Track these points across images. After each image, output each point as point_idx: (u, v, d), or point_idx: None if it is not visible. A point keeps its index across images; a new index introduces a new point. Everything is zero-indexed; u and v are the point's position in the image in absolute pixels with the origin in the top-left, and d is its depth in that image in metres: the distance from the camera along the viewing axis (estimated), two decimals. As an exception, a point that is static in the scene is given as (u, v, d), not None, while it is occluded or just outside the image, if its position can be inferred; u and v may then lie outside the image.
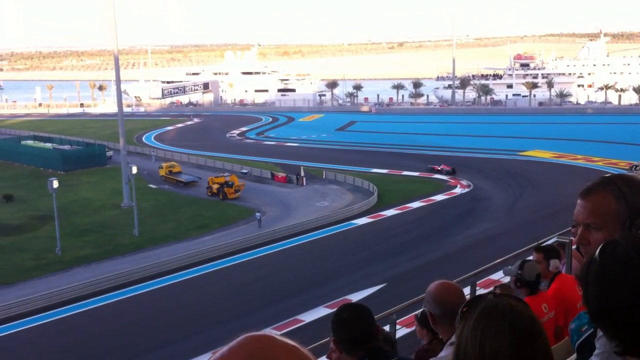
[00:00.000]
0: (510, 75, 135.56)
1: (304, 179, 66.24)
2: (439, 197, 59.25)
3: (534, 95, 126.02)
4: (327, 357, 3.96)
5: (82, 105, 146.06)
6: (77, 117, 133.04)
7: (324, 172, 69.47)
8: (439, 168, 69.48)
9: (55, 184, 48.66)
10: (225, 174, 65.64)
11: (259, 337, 1.51)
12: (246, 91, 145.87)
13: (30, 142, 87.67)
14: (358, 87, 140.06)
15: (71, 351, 31.95)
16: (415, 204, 56.94)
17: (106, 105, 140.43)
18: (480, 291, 13.40)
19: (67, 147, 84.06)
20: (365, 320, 3.86)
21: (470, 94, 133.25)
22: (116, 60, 68.38)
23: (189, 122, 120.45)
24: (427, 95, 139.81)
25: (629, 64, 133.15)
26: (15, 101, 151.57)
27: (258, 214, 54.15)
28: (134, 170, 54.95)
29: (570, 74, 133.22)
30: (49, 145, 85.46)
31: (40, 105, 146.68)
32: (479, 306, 2.02)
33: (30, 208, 59.53)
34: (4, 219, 56.04)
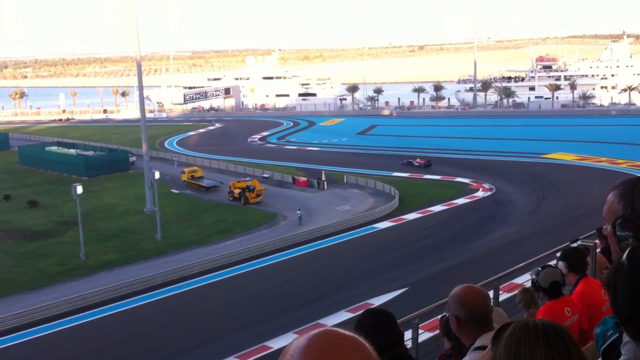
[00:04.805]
0: (532, 77, 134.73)
1: (325, 183, 66.22)
2: (461, 201, 58.92)
3: (557, 97, 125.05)
4: None
5: (105, 111, 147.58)
6: (101, 123, 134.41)
7: (345, 176, 69.42)
8: (415, 164, 74.55)
9: (79, 189, 49.04)
10: (247, 179, 65.83)
11: (330, 333, 1.58)
12: (267, 96, 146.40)
13: (54, 149, 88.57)
14: (379, 91, 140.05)
15: (95, 355, 32.17)
16: (437, 208, 56.69)
17: (129, 111, 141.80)
18: (504, 295, 13.30)
19: (90, 153, 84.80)
20: (389, 326, 3.84)
21: (492, 96, 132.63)
22: (139, 66, 68.97)
23: (211, 127, 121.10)
24: (449, 99, 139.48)
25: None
26: (39, 108, 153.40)
27: (299, 211, 54.95)
28: (157, 175, 55.32)
29: (593, 75, 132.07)
30: (72, 151, 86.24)
31: (64, 111, 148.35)
32: (510, 327, 2.02)
33: (55, 214, 60.16)
34: (29, 224, 56.73)
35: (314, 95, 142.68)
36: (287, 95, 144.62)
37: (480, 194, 61.39)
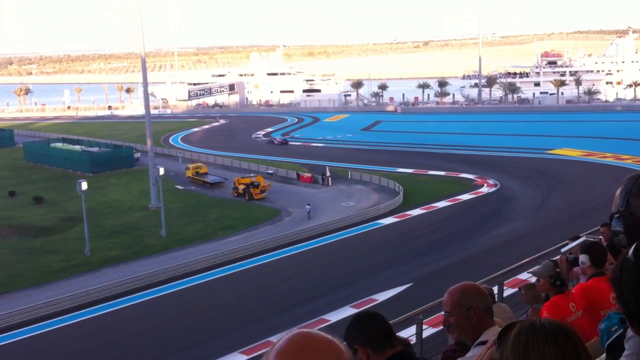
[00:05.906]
0: (537, 73, 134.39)
1: (330, 179, 66.23)
2: (465, 197, 58.83)
3: (562, 93, 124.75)
4: None
5: (110, 107, 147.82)
6: (105, 119, 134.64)
7: (349, 172, 69.38)
8: (276, 142, 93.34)
9: (84, 185, 49.11)
10: (251, 175, 65.88)
11: (305, 334, 1.62)
12: (272, 92, 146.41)
13: (59, 145, 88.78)
14: (383, 87, 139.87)
15: (100, 351, 32.23)
16: (442, 204, 56.62)
17: (133, 107, 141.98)
18: (508, 291, 13.28)
19: (95, 149, 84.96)
20: (383, 321, 3.85)
21: (497, 92, 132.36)
22: (143, 63, 69.00)
23: (215, 124, 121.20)
24: (453, 94, 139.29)
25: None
26: (44, 104, 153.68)
27: (308, 206, 55.22)
28: (161, 171, 55.35)
29: (598, 71, 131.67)
30: (77, 147, 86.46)
31: (69, 108, 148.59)
32: (515, 327, 2.00)
33: (60, 210, 60.29)
34: (34, 220, 56.87)
35: (318, 91, 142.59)
36: (292, 92, 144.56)
37: (484, 189, 61.30)
